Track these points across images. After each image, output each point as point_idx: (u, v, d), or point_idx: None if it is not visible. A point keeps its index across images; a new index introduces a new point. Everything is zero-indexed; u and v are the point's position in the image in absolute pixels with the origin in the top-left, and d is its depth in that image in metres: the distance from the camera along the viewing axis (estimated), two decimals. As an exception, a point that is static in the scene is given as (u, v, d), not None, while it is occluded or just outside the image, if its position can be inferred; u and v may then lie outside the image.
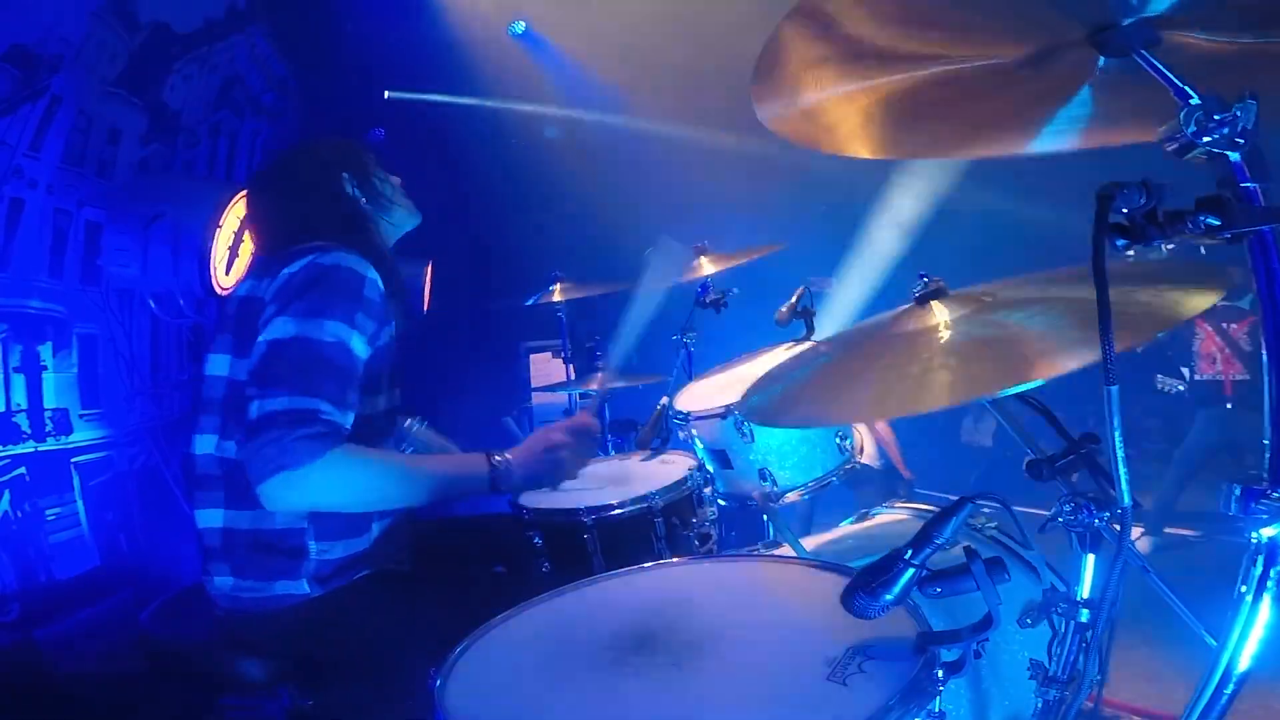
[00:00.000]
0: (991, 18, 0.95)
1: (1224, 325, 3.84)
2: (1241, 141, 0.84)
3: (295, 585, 1.48)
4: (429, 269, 4.53)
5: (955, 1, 0.94)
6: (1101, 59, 0.98)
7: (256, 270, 1.57)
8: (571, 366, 3.60)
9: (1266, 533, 0.90)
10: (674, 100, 4.87)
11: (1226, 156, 0.85)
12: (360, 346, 1.44)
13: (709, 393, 2.09)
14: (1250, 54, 0.96)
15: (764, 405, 1.33)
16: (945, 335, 1.15)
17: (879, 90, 1.07)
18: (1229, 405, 3.79)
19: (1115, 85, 1.02)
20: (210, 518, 1.51)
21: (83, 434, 3.27)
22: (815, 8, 0.93)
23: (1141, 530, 3.72)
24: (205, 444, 1.51)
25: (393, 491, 1.45)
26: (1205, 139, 0.84)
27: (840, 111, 1.14)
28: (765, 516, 2.00)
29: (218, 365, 1.51)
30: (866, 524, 1.87)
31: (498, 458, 1.53)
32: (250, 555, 1.48)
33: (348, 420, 1.38)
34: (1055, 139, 1.16)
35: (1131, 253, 0.86)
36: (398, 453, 1.65)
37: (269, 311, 1.42)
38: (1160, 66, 0.89)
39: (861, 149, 1.24)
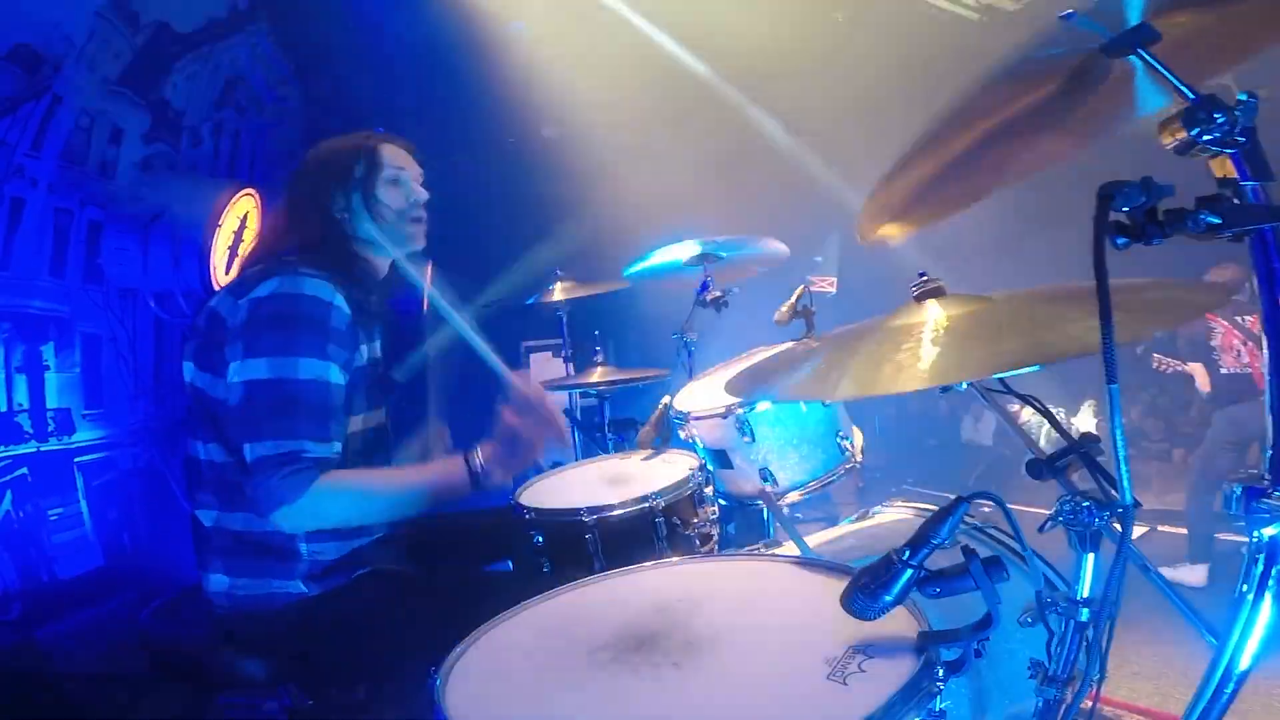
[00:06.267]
0: (1009, 75, 0.97)
1: (1237, 318, 3.82)
2: (1242, 140, 0.84)
3: (291, 584, 1.50)
4: (429, 268, 4.53)
5: (974, 96, 0.99)
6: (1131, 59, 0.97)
7: (231, 285, 1.58)
8: (571, 365, 3.60)
9: (1267, 532, 0.90)
10: (675, 100, 4.86)
11: (1226, 155, 0.85)
12: (337, 375, 1.49)
13: (710, 392, 2.09)
14: (1244, 21, 0.96)
15: (754, 385, 1.34)
16: (936, 328, 1.15)
17: (942, 163, 1.14)
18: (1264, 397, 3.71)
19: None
20: (205, 517, 1.53)
21: (85, 434, 3.27)
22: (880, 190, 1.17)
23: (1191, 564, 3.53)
24: (200, 448, 1.53)
25: (384, 505, 1.53)
26: (1206, 137, 0.84)
27: (917, 199, 1.24)
28: (766, 515, 2.00)
29: (187, 372, 1.55)
30: (866, 523, 1.87)
31: (476, 461, 1.56)
32: (244, 555, 1.50)
33: (333, 449, 1.46)
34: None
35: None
36: (383, 469, 1.66)
37: (238, 347, 1.45)
38: (1159, 65, 0.88)
39: (938, 215, 1.30)
